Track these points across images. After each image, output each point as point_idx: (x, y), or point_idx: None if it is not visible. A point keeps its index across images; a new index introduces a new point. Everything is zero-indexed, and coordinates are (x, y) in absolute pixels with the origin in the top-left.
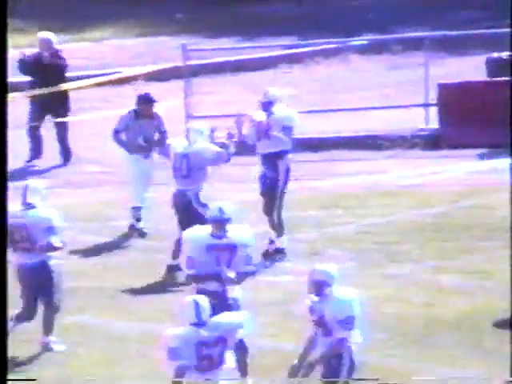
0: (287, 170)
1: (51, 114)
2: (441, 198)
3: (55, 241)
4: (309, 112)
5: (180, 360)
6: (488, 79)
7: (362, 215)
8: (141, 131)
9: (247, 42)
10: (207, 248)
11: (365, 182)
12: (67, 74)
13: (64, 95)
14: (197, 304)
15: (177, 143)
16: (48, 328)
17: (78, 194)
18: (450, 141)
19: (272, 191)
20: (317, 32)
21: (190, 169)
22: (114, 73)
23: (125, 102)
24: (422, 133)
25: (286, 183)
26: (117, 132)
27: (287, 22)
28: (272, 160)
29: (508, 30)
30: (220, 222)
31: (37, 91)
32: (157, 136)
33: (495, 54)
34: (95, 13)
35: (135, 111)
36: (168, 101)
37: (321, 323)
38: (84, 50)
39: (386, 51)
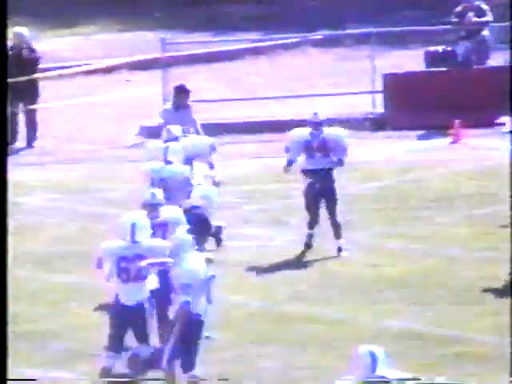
0: (334, 182)
1: (25, 100)
2: (386, 173)
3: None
4: (272, 98)
5: (103, 269)
6: (426, 70)
7: None
8: (180, 121)
9: (218, 36)
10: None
11: None
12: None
13: (35, 83)
14: (133, 225)
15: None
16: None
17: (70, 168)
18: (393, 123)
19: (317, 205)
20: (279, 28)
21: None
22: (100, 63)
23: (110, 88)
24: (370, 116)
25: (335, 195)
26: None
27: (253, 20)
28: (321, 175)
29: (442, 27)
30: (152, 206)
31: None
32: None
33: (432, 48)
34: (84, 11)
35: (174, 103)
36: (148, 87)
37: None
38: (74, 44)
39: (339, 45)
